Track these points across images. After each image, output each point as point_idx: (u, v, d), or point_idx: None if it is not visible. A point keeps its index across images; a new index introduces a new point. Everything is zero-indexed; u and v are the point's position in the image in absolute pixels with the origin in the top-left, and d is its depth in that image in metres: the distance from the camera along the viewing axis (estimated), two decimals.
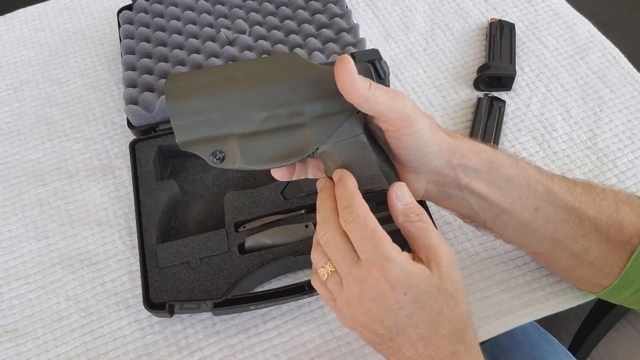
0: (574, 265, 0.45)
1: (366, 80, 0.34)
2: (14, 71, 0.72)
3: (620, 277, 0.43)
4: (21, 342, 0.52)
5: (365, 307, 0.34)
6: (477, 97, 0.66)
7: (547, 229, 0.43)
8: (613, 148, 0.62)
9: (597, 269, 0.44)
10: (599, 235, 0.43)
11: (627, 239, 0.42)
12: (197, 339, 0.52)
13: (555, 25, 0.73)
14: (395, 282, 0.33)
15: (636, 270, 0.43)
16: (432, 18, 0.75)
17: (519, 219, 0.42)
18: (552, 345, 0.62)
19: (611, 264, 0.43)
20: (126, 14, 0.71)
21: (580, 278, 0.47)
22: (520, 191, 0.41)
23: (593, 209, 0.43)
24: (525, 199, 0.41)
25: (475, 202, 0.41)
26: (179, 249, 0.53)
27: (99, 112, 0.68)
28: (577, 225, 0.42)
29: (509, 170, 0.41)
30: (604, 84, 0.67)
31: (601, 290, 0.45)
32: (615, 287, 0.44)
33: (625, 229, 0.43)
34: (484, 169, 0.41)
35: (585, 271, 0.45)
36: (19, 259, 0.57)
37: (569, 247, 0.43)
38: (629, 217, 0.43)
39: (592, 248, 0.43)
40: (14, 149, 0.65)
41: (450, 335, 0.34)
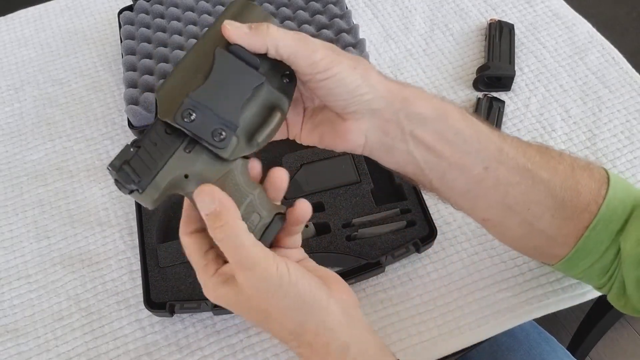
0: (525, 233, 0.41)
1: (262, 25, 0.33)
2: (15, 71, 0.73)
3: (576, 248, 0.40)
4: (22, 342, 0.52)
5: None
6: (476, 98, 0.66)
7: (497, 192, 0.39)
8: (612, 148, 0.62)
9: (551, 239, 0.41)
10: (554, 201, 0.39)
11: (584, 206, 0.39)
12: (198, 339, 0.52)
13: (555, 25, 0.73)
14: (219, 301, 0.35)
15: (594, 240, 0.40)
16: (432, 19, 0.75)
17: (467, 177, 0.39)
18: (551, 345, 0.62)
19: (566, 233, 0.40)
20: (127, 15, 0.71)
21: (533, 248, 0.44)
22: (469, 146, 0.38)
23: (547, 171, 0.40)
24: (475, 155, 0.38)
25: (420, 155, 0.38)
26: (180, 249, 0.53)
27: (99, 113, 0.68)
28: (529, 189, 0.39)
29: (458, 122, 0.38)
30: (603, 85, 0.67)
31: (557, 261, 0.42)
32: (571, 258, 0.41)
33: (582, 194, 0.39)
34: (430, 117, 0.37)
35: (538, 240, 0.42)
36: (20, 259, 0.57)
37: (520, 213, 0.40)
38: (587, 182, 0.40)
39: (545, 216, 0.40)
40: (15, 149, 0.66)
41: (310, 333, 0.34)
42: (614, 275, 0.42)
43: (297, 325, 0.34)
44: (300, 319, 0.34)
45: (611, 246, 0.40)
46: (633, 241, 0.39)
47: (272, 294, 0.33)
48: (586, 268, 0.42)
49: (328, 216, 0.54)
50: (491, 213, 0.41)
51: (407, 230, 0.54)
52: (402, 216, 0.55)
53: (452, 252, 0.55)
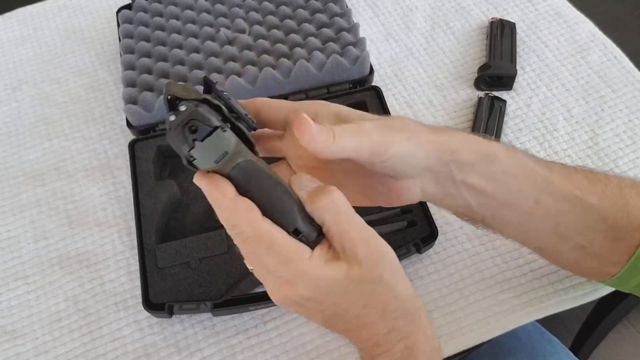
0: (579, 258, 0.42)
1: (328, 131, 0.32)
2: (12, 71, 0.72)
3: (628, 265, 0.41)
4: (20, 343, 0.52)
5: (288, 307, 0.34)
6: (477, 97, 0.66)
7: (548, 223, 0.40)
8: (614, 148, 0.62)
9: (604, 259, 0.42)
10: (605, 224, 0.40)
11: (635, 225, 0.40)
12: (197, 340, 0.51)
13: (556, 24, 0.73)
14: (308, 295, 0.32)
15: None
16: (433, 17, 0.75)
17: (518, 212, 0.40)
18: (553, 346, 0.62)
19: (619, 252, 0.41)
20: (125, 14, 0.70)
21: (587, 270, 0.45)
22: (518, 183, 0.39)
23: (596, 195, 0.40)
24: (524, 191, 0.39)
25: (472, 198, 0.39)
26: (179, 249, 0.53)
27: (98, 112, 0.68)
28: (580, 216, 0.40)
29: (505, 162, 0.39)
30: (605, 84, 0.67)
31: (609, 278, 0.43)
32: (623, 275, 0.42)
33: (631, 214, 0.40)
34: (478, 162, 0.38)
35: (591, 262, 0.43)
36: (17, 260, 0.57)
37: (573, 239, 0.41)
38: (636, 201, 0.41)
39: (597, 239, 0.41)
40: (12, 148, 0.65)
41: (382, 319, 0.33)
42: None
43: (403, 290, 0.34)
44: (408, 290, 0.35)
45: None
46: None
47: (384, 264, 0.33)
48: (637, 284, 0.42)
49: None
50: (544, 242, 0.42)
51: (407, 231, 0.54)
52: (403, 216, 0.55)
53: (453, 252, 0.55)
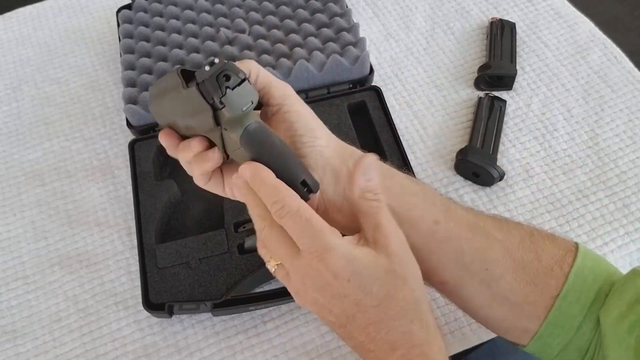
0: (487, 301, 0.38)
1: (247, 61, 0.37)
2: (12, 71, 0.72)
3: (546, 321, 0.37)
4: (20, 343, 0.52)
5: (312, 297, 0.34)
6: (477, 97, 0.66)
7: (450, 248, 0.38)
8: (614, 148, 0.62)
9: (516, 307, 0.38)
10: (512, 261, 0.37)
11: (547, 270, 0.37)
12: (197, 340, 0.51)
13: (556, 24, 0.73)
14: (337, 270, 0.32)
15: (565, 313, 0.37)
16: (433, 17, 0.75)
17: (418, 231, 0.37)
18: None
19: (533, 302, 0.38)
20: (125, 14, 0.70)
21: (500, 321, 0.40)
22: (416, 200, 0.38)
23: (501, 232, 0.38)
24: (422, 209, 0.38)
25: None
26: (179, 249, 0.53)
27: (98, 112, 0.68)
28: (484, 247, 0.37)
29: (403, 180, 0.39)
30: (605, 84, 0.67)
31: (529, 339, 0.39)
32: (543, 335, 0.38)
33: (542, 258, 0.37)
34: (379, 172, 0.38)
35: (501, 310, 0.38)
36: (17, 260, 0.57)
37: (478, 273, 0.37)
38: (548, 247, 0.38)
39: (505, 277, 0.37)
40: (12, 148, 0.65)
41: (401, 316, 0.33)
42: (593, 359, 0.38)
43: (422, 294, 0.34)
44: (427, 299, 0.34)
45: (585, 322, 0.37)
46: (614, 316, 0.36)
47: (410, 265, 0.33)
48: (561, 349, 0.38)
49: None
50: (448, 273, 0.39)
51: None
52: None
53: None
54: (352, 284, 0.32)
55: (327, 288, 0.33)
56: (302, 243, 0.33)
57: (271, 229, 0.34)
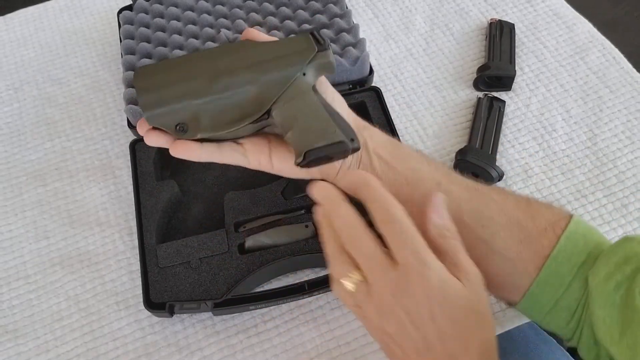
0: (483, 256, 0.39)
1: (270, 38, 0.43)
2: (14, 71, 0.72)
3: (538, 278, 0.39)
4: (21, 342, 0.52)
5: (397, 317, 0.32)
6: (476, 97, 0.66)
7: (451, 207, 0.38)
8: (613, 148, 0.62)
9: (511, 264, 0.40)
10: (507, 219, 0.39)
11: (540, 230, 0.39)
12: (197, 339, 0.52)
13: (555, 25, 0.73)
14: (432, 291, 0.32)
15: (555, 272, 0.39)
16: (432, 18, 0.75)
17: (421, 191, 0.41)
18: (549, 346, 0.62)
19: (525, 259, 0.39)
20: (126, 15, 0.71)
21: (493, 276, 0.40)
22: (420, 165, 0.42)
23: (498, 194, 0.41)
24: (426, 171, 0.42)
25: (381, 169, 0.42)
26: (179, 249, 0.53)
27: (99, 112, 0.68)
28: (482, 205, 0.40)
29: (410, 150, 0.44)
30: (604, 84, 0.67)
31: (520, 296, 0.40)
32: (534, 292, 0.39)
33: (536, 219, 0.39)
34: (387, 141, 0.44)
35: (495, 265, 0.40)
36: (19, 259, 0.57)
37: (475, 230, 0.39)
38: (543, 211, 0.40)
39: (500, 234, 0.39)
40: (14, 149, 0.65)
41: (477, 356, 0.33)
42: (581, 320, 0.39)
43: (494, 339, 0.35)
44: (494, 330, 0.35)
45: (575, 282, 0.39)
46: (602, 276, 0.37)
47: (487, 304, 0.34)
48: (551, 307, 0.40)
49: None
50: None
51: None
52: None
53: None
54: (441, 310, 0.32)
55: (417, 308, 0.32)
56: (403, 255, 0.32)
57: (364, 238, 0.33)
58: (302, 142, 0.38)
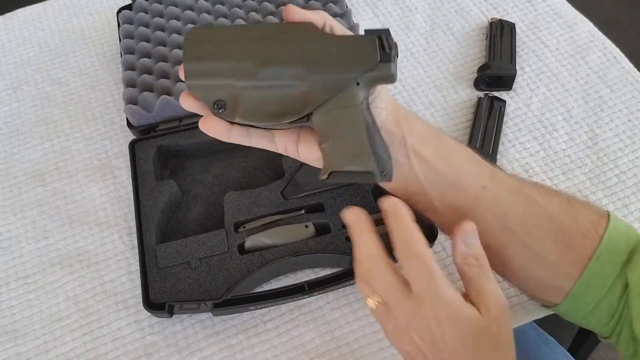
0: (527, 262, 0.40)
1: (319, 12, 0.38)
2: (13, 71, 0.72)
3: (580, 280, 0.39)
4: (21, 343, 0.52)
5: (412, 340, 0.35)
6: (477, 97, 0.66)
7: (495, 212, 0.39)
8: (614, 148, 0.62)
9: (554, 268, 0.40)
10: (552, 225, 0.39)
11: (584, 233, 0.39)
12: (197, 340, 0.51)
13: (556, 24, 0.73)
14: (444, 319, 0.33)
15: (598, 273, 0.39)
16: (432, 18, 0.75)
17: (465, 196, 0.39)
18: (550, 346, 0.62)
19: (569, 262, 0.39)
20: (126, 14, 0.70)
21: (537, 281, 0.42)
22: (465, 165, 0.40)
23: (543, 197, 0.40)
24: (471, 174, 0.40)
25: (421, 170, 0.39)
26: (179, 249, 0.53)
27: (98, 112, 0.68)
28: (527, 210, 0.40)
29: (453, 144, 0.41)
30: (605, 84, 0.67)
31: (562, 298, 0.41)
32: (576, 294, 0.40)
33: (580, 221, 0.39)
34: (428, 134, 0.40)
35: (540, 270, 0.41)
36: (18, 259, 0.57)
37: (521, 237, 0.40)
38: (585, 212, 0.40)
39: (545, 240, 0.39)
40: (13, 149, 0.65)
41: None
42: (621, 318, 0.40)
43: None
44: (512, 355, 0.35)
45: (617, 281, 0.39)
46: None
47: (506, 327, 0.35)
48: (593, 308, 0.40)
49: (328, 216, 0.54)
50: (491, 237, 0.40)
51: None
52: None
53: None
54: (453, 335, 0.34)
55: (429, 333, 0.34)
56: (417, 286, 0.34)
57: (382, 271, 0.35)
58: (332, 160, 0.37)
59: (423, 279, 0.34)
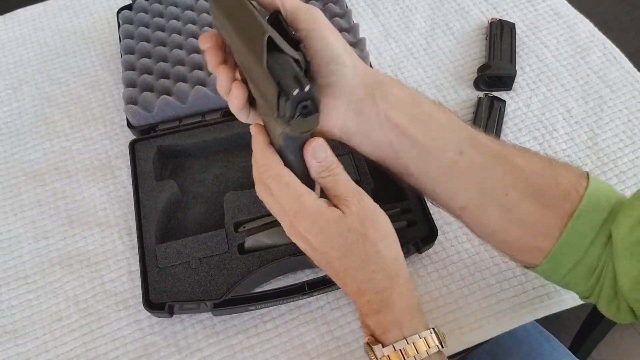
0: (504, 223, 0.40)
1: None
2: (13, 71, 0.72)
3: (560, 240, 0.39)
4: (21, 343, 0.52)
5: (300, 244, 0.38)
6: (477, 97, 0.66)
7: (472, 176, 0.39)
8: (614, 148, 0.62)
9: (533, 228, 0.40)
10: (531, 187, 0.39)
11: (564, 194, 0.39)
12: (197, 340, 0.51)
13: (556, 24, 0.73)
14: (306, 227, 0.37)
15: (577, 232, 0.39)
16: (433, 18, 0.75)
17: (441, 161, 0.39)
18: (552, 345, 0.62)
19: (548, 223, 0.39)
20: (126, 14, 0.70)
21: (516, 241, 0.41)
22: (442, 130, 0.39)
23: (523, 159, 0.40)
24: (448, 139, 0.39)
25: (395, 137, 0.39)
26: (179, 249, 0.53)
27: (98, 112, 0.68)
28: (505, 174, 0.39)
29: (431, 108, 0.40)
30: (605, 84, 0.67)
31: (541, 259, 0.40)
32: (555, 254, 0.39)
33: (561, 183, 0.39)
34: (404, 100, 0.39)
35: (518, 231, 0.40)
36: (18, 260, 0.57)
37: (498, 199, 0.39)
38: (565, 174, 0.40)
39: (524, 202, 0.39)
40: (13, 149, 0.65)
41: (362, 267, 0.37)
42: (601, 276, 0.40)
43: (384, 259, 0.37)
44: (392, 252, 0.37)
45: (596, 240, 0.39)
46: (626, 228, 0.38)
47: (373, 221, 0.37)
48: (572, 267, 0.40)
49: None
50: (468, 199, 0.40)
51: (407, 231, 0.54)
52: (403, 216, 0.55)
53: (453, 252, 0.55)
54: (319, 239, 0.37)
55: (303, 239, 0.38)
56: (283, 203, 0.37)
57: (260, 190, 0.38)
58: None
59: (284, 196, 0.37)
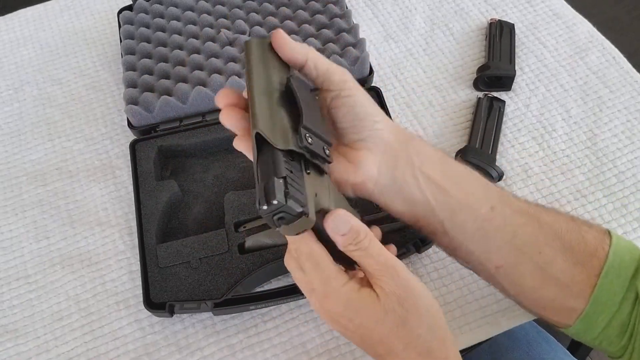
0: (540, 282, 0.40)
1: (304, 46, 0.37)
2: (14, 71, 0.72)
3: (592, 299, 0.39)
4: (21, 342, 0.52)
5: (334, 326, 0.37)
6: (476, 97, 0.66)
7: (505, 232, 0.40)
8: (612, 148, 0.62)
9: (565, 287, 0.40)
10: (562, 244, 0.40)
11: (592, 251, 0.40)
12: (197, 339, 0.52)
13: (555, 25, 0.73)
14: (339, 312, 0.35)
15: (607, 290, 0.39)
16: (432, 18, 0.75)
17: (475, 216, 0.39)
18: (550, 344, 0.62)
19: (580, 281, 0.40)
20: (126, 15, 0.71)
21: (549, 302, 0.42)
22: (473, 187, 0.40)
23: (549, 216, 0.41)
24: (481, 195, 0.40)
25: (430, 192, 0.39)
26: (179, 249, 0.53)
27: (99, 112, 0.68)
28: (537, 230, 0.40)
29: (459, 165, 0.41)
30: (604, 84, 0.67)
31: (575, 318, 0.41)
32: (589, 313, 0.40)
33: (587, 239, 0.40)
34: (434, 156, 0.40)
35: (552, 290, 0.41)
36: (19, 259, 0.57)
37: (532, 257, 0.40)
38: (589, 230, 0.41)
39: (556, 260, 0.40)
40: (14, 149, 0.65)
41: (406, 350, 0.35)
42: (633, 334, 0.40)
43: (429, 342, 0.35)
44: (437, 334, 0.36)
45: (626, 296, 0.39)
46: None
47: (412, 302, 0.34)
48: (605, 326, 0.40)
49: None
50: (503, 257, 0.40)
51: (407, 231, 0.54)
52: None
53: None
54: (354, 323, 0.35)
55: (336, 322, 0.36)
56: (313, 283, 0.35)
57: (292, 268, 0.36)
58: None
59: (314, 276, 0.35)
